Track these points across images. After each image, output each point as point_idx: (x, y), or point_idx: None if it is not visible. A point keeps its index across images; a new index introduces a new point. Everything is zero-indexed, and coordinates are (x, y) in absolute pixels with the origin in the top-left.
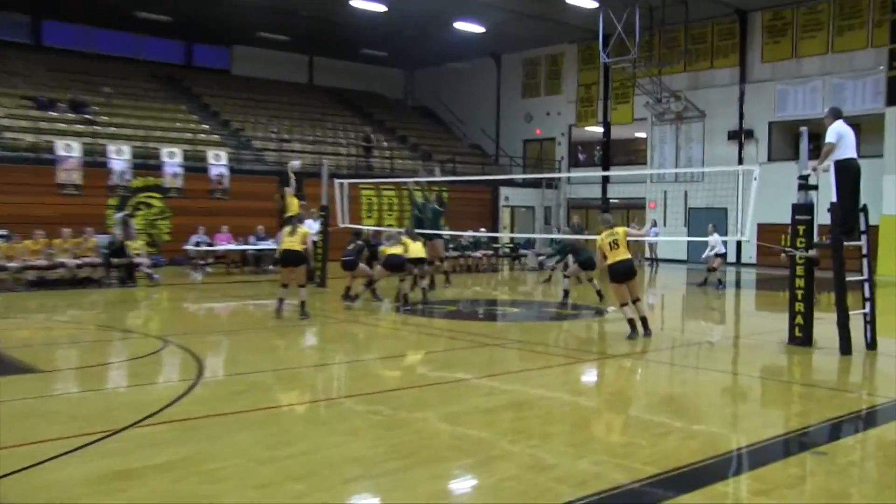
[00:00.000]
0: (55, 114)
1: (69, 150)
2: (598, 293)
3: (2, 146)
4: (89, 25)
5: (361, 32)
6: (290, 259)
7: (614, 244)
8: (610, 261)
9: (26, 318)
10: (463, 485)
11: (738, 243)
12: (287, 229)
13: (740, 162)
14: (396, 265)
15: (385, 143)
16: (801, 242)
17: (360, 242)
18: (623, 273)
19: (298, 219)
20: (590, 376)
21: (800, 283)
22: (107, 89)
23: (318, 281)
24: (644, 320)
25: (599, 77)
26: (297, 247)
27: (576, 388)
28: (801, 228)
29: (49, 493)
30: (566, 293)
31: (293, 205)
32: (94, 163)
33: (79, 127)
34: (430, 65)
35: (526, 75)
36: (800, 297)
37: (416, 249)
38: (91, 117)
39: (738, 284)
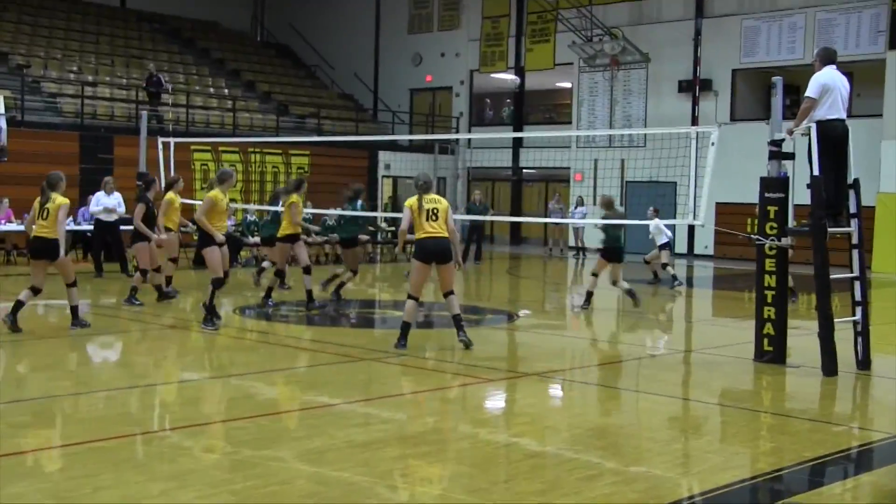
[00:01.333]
0: None
1: None
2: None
3: None
4: None
5: None
6: (40, 250)
7: (433, 214)
8: (419, 234)
9: None
10: None
11: (691, 229)
12: (35, 204)
13: (694, 121)
14: None
15: (226, 91)
16: (771, 228)
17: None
18: (435, 253)
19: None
20: (496, 401)
21: (770, 280)
22: None
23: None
24: (458, 320)
25: (511, 7)
26: (50, 233)
27: (478, 417)
28: (771, 210)
29: None
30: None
31: None
32: None
33: None
34: None
35: (414, 4)
36: (769, 299)
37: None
38: None
39: (690, 282)
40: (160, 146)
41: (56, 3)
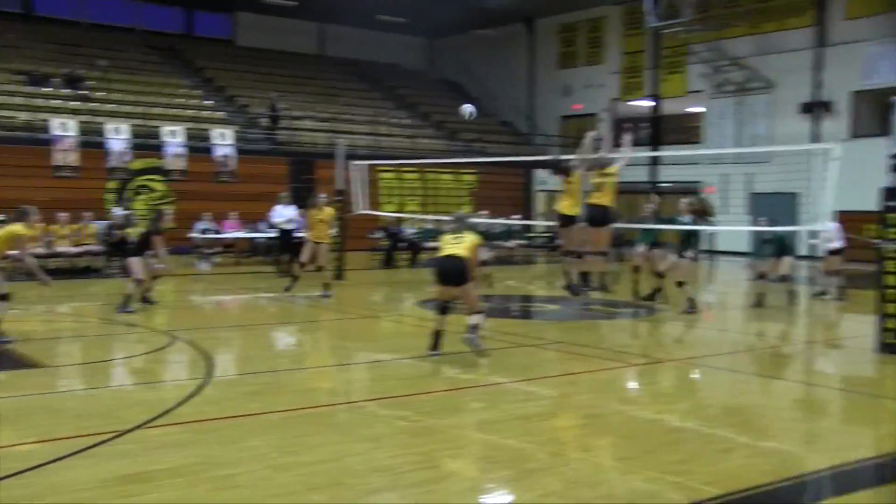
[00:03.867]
0: (49, 90)
1: (65, 128)
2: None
3: None
4: None
5: None
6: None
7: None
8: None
9: (27, 309)
10: (499, 500)
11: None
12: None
13: (815, 139)
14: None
15: (406, 121)
16: (892, 233)
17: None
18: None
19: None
20: (640, 383)
21: (891, 280)
22: (102, 62)
23: (336, 273)
24: (438, 335)
25: (647, 44)
26: None
27: (624, 396)
28: (892, 217)
29: (57, 496)
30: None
31: None
32: (91, 143)
33: (74, 104)
34: (454, 32)
35: (563, 43)
36: (892, 296)
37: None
38: (87, 93)
39: (810, 282)
40: (353, 168)
41: (267, 54)
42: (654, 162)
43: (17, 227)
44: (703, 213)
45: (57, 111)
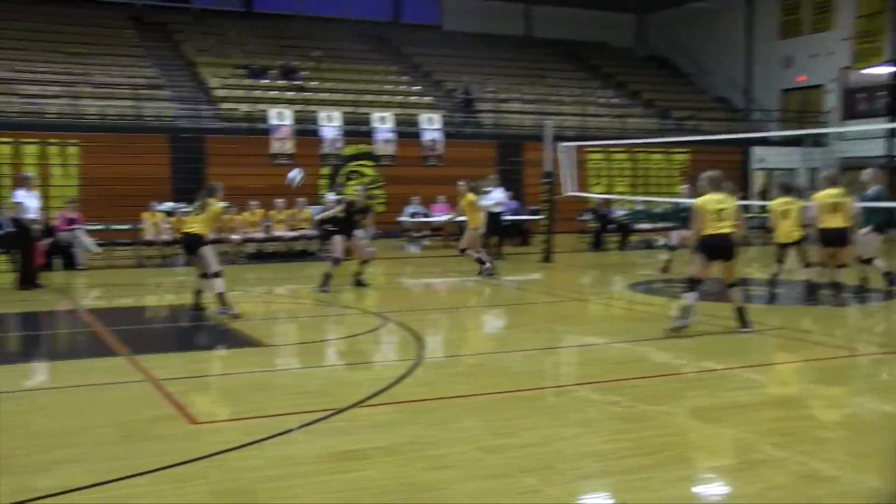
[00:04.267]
0: (267, 81)
1: (281, 118)
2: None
3: (219, 117)
4: None
5: None
6: (186, 244)
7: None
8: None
9: (247, 291)
10: (719, 491)
11: None
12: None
13: None
14: None
15: (614, 101)
16: None
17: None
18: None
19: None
20: (871, 374)
21: None
22: (316, 53)
23: (544, 255)
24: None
25: (887, 4)
26: (199, 229)
27: (854, 387)
28: None
29: (278, 469)
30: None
31: None
32: (306, 131)
33: (290, 94)
34: (665, 7)
35: (785, 10)
36: None
37: None
38: (301, 83)
39: None
40: (561, 150)
41: (473, 38)
42: (893, 134)
43: (219, 205)
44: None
45: (274, 102)
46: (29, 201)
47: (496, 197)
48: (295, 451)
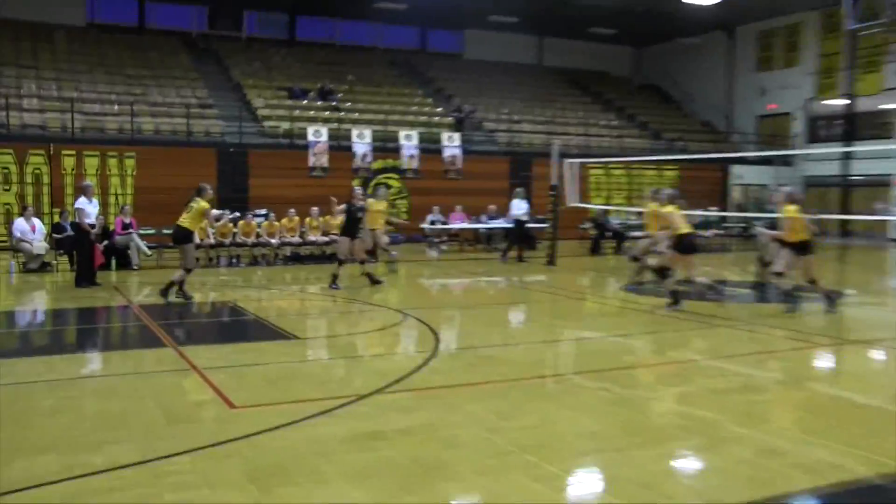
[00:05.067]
0: (305, 102)
1: (318, 135)
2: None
3: (262, 133)
4: (334, 18)
5: (591, 10)
6: (174, 236)
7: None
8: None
9: (283, 289)
10: (693, 465)
11: None
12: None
13: None
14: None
15: (614, 123)
16: None
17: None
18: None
19: (198, 192)
20: (827, 362)
21: None
22: (350, 77)
23: (549, 259)
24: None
25: (843, 45)
26: (187, 224)
27: (811, 374)
28: None
29: (309, 447)
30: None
31: None
32: (339, 147)
33: (326, 113)
34: (659, 41)
35: (761, 48)
36: None
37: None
38: (337, 104)
39: None
40: (566, 166)
41: (491, 65)
42: (847, 157)
43: (204, 203)
44: None
45: (312, 120)
46: (89, 208)
47: (523, 208)
48: (323, 431)
